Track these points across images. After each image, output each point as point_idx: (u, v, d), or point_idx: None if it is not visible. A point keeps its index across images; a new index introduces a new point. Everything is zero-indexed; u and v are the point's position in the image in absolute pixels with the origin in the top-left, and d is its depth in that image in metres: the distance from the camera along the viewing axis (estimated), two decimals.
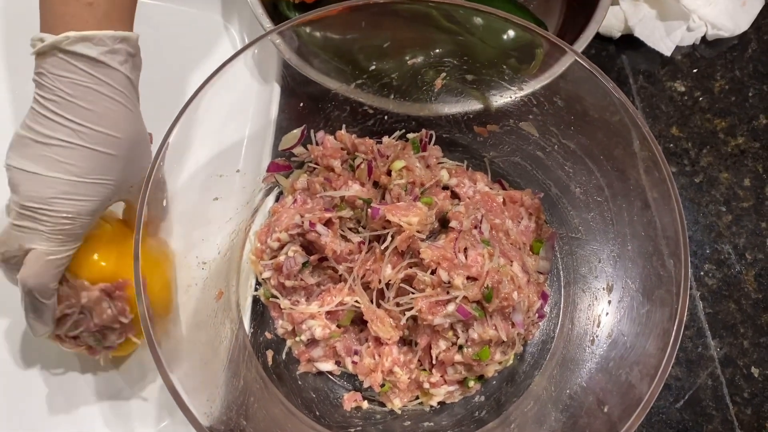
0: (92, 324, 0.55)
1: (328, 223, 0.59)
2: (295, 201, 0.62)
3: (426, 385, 0.59)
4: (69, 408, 0.61)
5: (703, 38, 0.80)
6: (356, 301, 0.59)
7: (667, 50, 0.79)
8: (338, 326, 0.60)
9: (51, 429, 0.60)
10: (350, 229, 0.61)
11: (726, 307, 0.68)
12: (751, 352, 0.66)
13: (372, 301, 0.60)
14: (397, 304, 0.59)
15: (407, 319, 0.58)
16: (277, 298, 0.61)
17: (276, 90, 0.64)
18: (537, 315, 0.61)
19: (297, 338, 0.60)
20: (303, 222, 0.58)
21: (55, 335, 0.55)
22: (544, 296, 0.62)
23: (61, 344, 0.56)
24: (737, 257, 0.70)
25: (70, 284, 0.54)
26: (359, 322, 0.62)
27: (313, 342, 0.60)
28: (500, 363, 0.59)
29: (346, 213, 0.60)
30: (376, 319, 0.59)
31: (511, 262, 0.58)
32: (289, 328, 0.61)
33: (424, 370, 0.60)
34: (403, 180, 0.61)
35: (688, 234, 0.71)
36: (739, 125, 0.77)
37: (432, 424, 0.60)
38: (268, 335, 0.62)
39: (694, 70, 0.80)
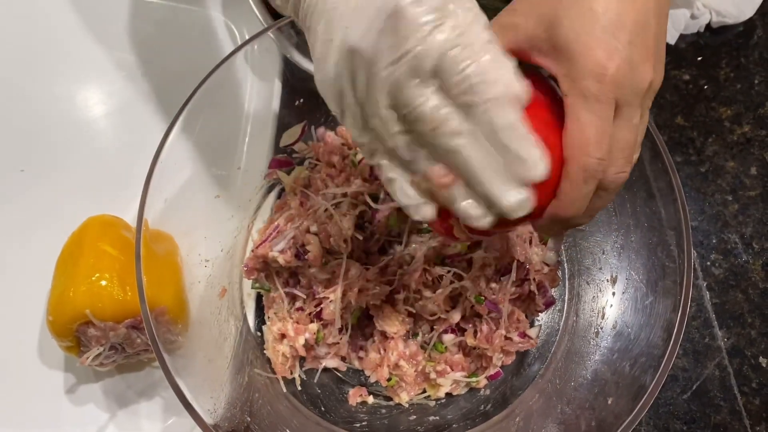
0: (125, 353, 0.58)
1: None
2: (275, 228, 0.62)
3: (432, 375, 0.59)
4: (76, 407, 0.61)
5: (708, 26, 0.80)
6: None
7: (671, 39, 0.78)
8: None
9: (58, 428, 0.61)
10: (359, 225, 0.61)
11: (733, 297, 0.68)
12: (758, 342, 0.66)
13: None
14: (405, 300, 0.59)
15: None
16: None
17: (276, 86, 0.64)
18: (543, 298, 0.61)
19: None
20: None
21: (88, 365, 0.57)
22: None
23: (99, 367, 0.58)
24: (744, 246, 0.70)
25: (97, 327, 0.55)
26: (365, 317, 0.62)
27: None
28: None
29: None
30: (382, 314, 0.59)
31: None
32: None
33: (431, 361, 0.60)
34: None
35: (694, 224, 0.70)
36: (745, 113, 0.76)
37: (438, 418, 0.60)
38: None
39: (699, 58, 0.79)
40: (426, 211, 0.39)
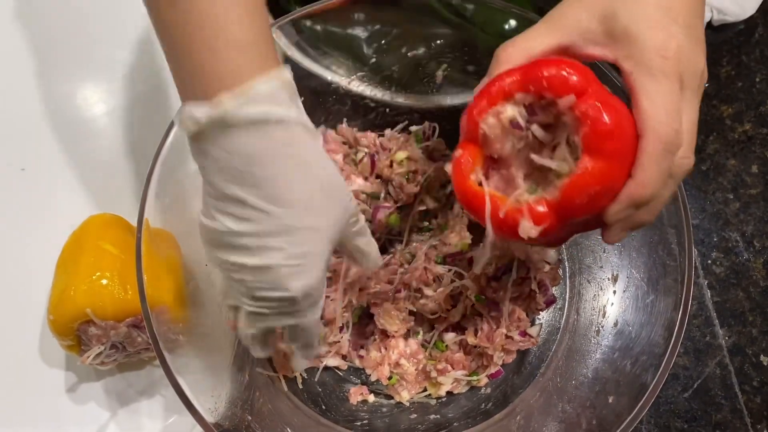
0: (126, 352, 0.58)
1: None
2: None
3: (433, 374, 0.59)
4: (77, 405, 0.61)
5: (709, 23, 0.79)
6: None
7: None
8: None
9: (59, 427, 0.61)
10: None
11: (734, 295, 0.68)
12: (759, 341, 0.66)
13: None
14: (406, 299, 0.59)
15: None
16: None
17: None
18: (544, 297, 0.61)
19: None
20: None
21: (89, 364, 0.57)
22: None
23: (100, 366, 0.58)
24: (745, 245, 0.70)
25: (98, 326, 0.55)
26: (365, 316, 0.62)
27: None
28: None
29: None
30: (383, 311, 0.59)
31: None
32: None
33: (432, 359, 0.60)
34: (404, 169, 0.61)
35: (695, 222, 0.70)
36: (746, 111, 0.76)
37: (438, 416, 0.59)
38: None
39: None
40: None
